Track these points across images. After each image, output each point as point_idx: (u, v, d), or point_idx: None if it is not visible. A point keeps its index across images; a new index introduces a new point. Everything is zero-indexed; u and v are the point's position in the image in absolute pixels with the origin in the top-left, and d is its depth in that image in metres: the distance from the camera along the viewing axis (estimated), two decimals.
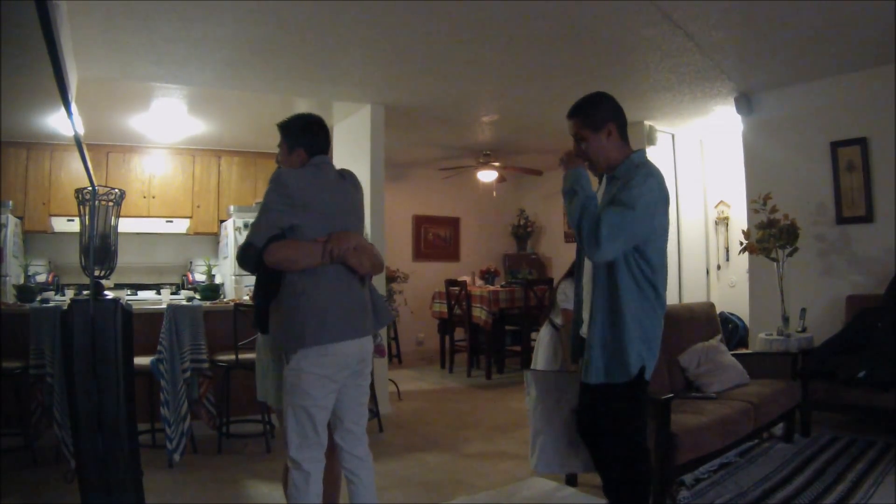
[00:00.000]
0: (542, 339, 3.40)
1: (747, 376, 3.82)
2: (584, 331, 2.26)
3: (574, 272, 3.09)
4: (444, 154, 7.60)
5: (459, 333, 7.19)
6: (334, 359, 2.10)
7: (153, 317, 3.89)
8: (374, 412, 4.56)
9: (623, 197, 2.04)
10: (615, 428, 2.19)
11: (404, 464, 3.74)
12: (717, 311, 4.74)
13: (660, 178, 2.13)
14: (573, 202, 2.12)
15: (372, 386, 4.65)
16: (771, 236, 4.45)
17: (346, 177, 2.32)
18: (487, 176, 7.51)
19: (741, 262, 5.77)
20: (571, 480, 3.28)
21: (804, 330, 4.48)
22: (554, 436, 2.53)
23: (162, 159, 6.54)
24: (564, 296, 3.22)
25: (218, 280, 6.11)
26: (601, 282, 2.15)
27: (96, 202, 2.51)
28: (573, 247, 2.61)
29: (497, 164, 7.46)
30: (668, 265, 2.25)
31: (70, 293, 5.39)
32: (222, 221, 6.66)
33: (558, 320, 3.39)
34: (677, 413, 3.00)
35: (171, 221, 6.58)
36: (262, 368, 2.37)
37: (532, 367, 3.33)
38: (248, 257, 2.12)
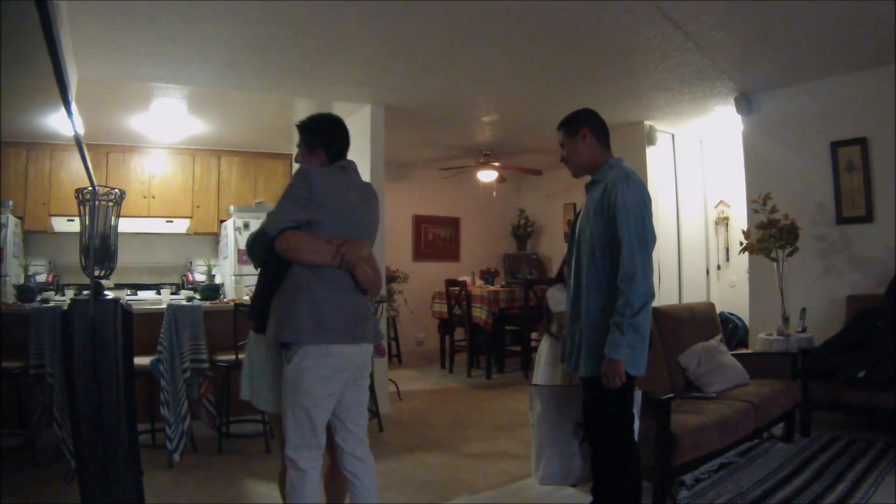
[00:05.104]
0: (542, 352, 3.38)
1: (747, 376, 3.82)
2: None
3: (560, 278, 3.15)
4: (444, 154, 7.59)
5: (459, 333, 7.19)
6: (336, 360, 2.10)
7: (153, 317, 3.89)
8: (374, 412, 4.56)
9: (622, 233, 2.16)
10: (605, 423, 2.31)
11: (404, 464, 3.74)
12: (717, 311, 4.74)
13: (640, 183, 2.25)
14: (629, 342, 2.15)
15: (372, 386, 4.68)
16: (771, 236, 4.45)
17: (369, 189, 2.35)
18: (487, 176, 7.50)
19: (741, 262, 5.77)
20: None
21: (804, 330, 4.48)
22: (559, 449, 2.57)
23: (162, 159, 6.54)
24: (555, 301, 3.22)
25: (218, 280, 6.10)
26: (593, 283, 2.26)
27: (96, 202, 2.51)
28: None
29: (497, 164, 7.45)
30: (669, 265, 2.29)
31: (70, 293, 5.38)
32: (222, 221, 6.65)
33: (555, 328, 3.37)
34: (677, 413, 3.00)
35: (171, 221, 6.57)
36: (251, 369, 2.35)
37: (532, 379, 3.33)
38: (257, 245, 2.14)
